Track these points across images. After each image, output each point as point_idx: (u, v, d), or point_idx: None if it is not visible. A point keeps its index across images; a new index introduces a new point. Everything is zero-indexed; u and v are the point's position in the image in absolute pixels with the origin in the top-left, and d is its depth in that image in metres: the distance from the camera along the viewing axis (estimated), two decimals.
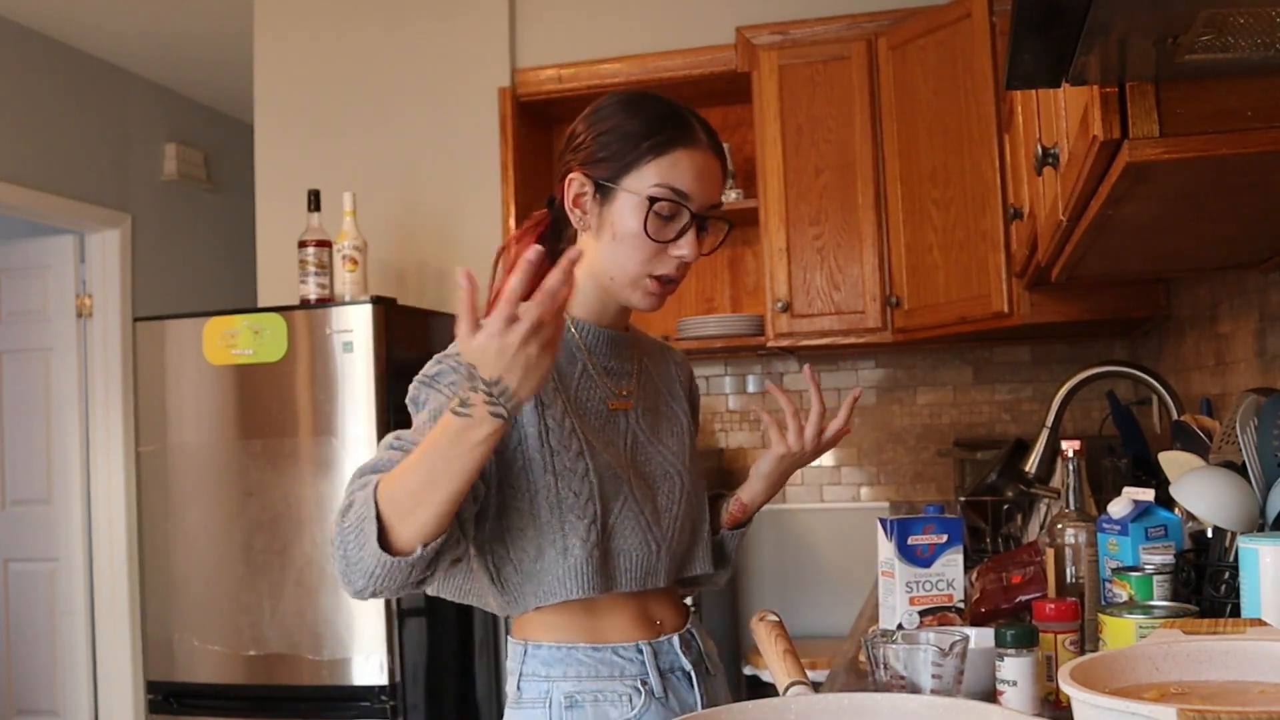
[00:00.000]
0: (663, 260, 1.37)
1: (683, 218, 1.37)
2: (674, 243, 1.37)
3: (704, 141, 1.39)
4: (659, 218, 1.35)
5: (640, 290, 1.39)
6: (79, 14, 4.19)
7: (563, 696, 1.37)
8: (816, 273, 3.20)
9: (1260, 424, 1.41)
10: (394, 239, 3.60)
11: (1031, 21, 0.92)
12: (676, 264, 1.38)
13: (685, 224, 1.37)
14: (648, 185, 1.35)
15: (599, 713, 1.36)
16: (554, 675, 1.38)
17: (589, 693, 1.37)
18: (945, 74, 2.95)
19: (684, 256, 1.37)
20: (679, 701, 1.42)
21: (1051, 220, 1.63)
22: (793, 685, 1.21)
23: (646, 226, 1.35)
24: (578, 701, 1.37)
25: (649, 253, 1.36)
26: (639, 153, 1.36)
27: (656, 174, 1.35)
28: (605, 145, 1.37)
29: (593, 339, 1.45)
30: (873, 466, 3.57)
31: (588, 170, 1.38)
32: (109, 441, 4.52)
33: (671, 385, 1.58)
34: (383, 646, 2.87)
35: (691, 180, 1.36)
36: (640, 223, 1.35)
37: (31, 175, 4.26)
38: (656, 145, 1.36)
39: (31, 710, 4.52)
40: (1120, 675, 0.94)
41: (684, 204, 1.36)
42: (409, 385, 1.37)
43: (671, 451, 1.50)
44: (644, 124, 1.37)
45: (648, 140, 1.36)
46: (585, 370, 1.43)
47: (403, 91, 3.64)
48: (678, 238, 1.37)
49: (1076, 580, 1.57)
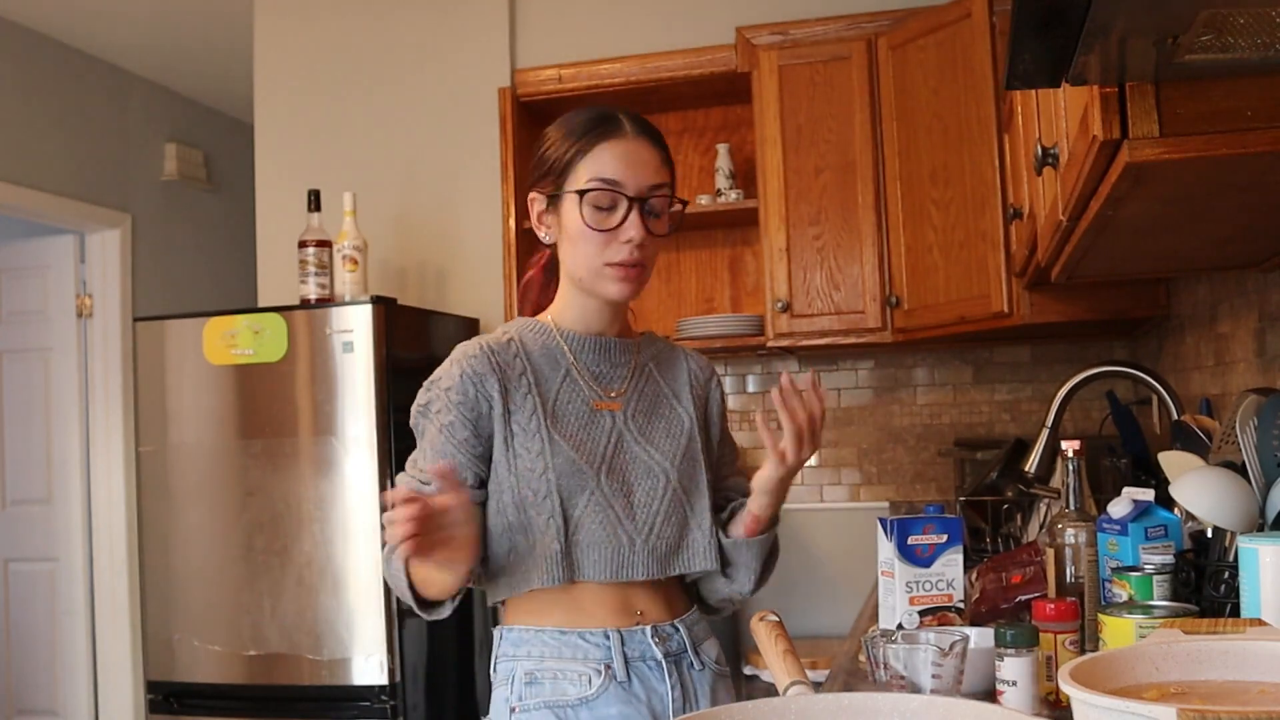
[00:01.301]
0: (614, 248, 1.50)
1: (620, 204, 1.49)
2: (619, 228, 1.48)
3: (629, 131, 1.52)
4: (596, 209, 1.49)
5: (605, 279, 1.51)
6: (79, 14, 4.19)
7: (523, 673, 1.48)
8: (816, 273, 3.20)
9: (1260, 424, 1.41)
10: (394, 239, 3.60)
11: (1031, 21, 0.92)
12: (628, 249, 1.49)
13: (625, 209, 1.49)
14: (581, 183, 1.50)
15: (557, 689, 1.47)
16: (519, 654, 1.50)
17: (549, 670, 1.48)
18: (945, 74, 2.95)
19: (631, 239, 1.49)
20: (645, 689, 1.49)
21: (1051, 220, 1.63)
22: (793, 685, 1.21)
23: (585, 218, 1.48)
24: (537, 678, 1.48)
25: (598, 243, 1.49)
26: (569, 157, 1.51)
27: (587, 171, 1.50)
28: (545, 161, 1.54)
29: (578, 345, 1.57)
30: (873, 466, 3.57)
31: (539, 188, 1.56)
32: (109, 441, 4.52)
33: (679, 388, 1.64)
34: (383, 646, 2.87)
35: (621, 168, 1.49)
36: (579, 218, 1.49)
37: (31, 175, 4.26)
38: (583, 146, 1.50)
39: (31, 710, 4.52)
40: (1120, 675, 0.94)
41: (617, 190, 1.49)
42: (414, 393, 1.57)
43: (660, 451, 1.56)
44: (571, 131, 1.53)
45: (576, 144, 1.51)
46: (569, 374, 1.54)
47: (403, 91, 3.64)
48: (621, 223, 1.49)
49: (1076, 580, 1.57)
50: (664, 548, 1.52)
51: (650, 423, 1.57)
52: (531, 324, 1.58)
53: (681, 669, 1.53)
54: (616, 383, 1.57)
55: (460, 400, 1.48)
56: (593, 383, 1.55)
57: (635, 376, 1.59)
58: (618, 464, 1.52)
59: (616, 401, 1.56)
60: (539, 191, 1.56)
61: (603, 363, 1.58)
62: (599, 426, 1.53)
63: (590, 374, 1.56)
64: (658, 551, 1.52)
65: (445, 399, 1.50)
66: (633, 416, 1.56)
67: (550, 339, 1.56)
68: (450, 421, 1.49)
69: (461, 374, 1.49)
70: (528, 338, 1.56)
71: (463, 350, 1.52)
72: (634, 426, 1.56)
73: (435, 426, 1.50)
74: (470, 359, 1.50)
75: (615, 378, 1.58)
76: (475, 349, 1.52)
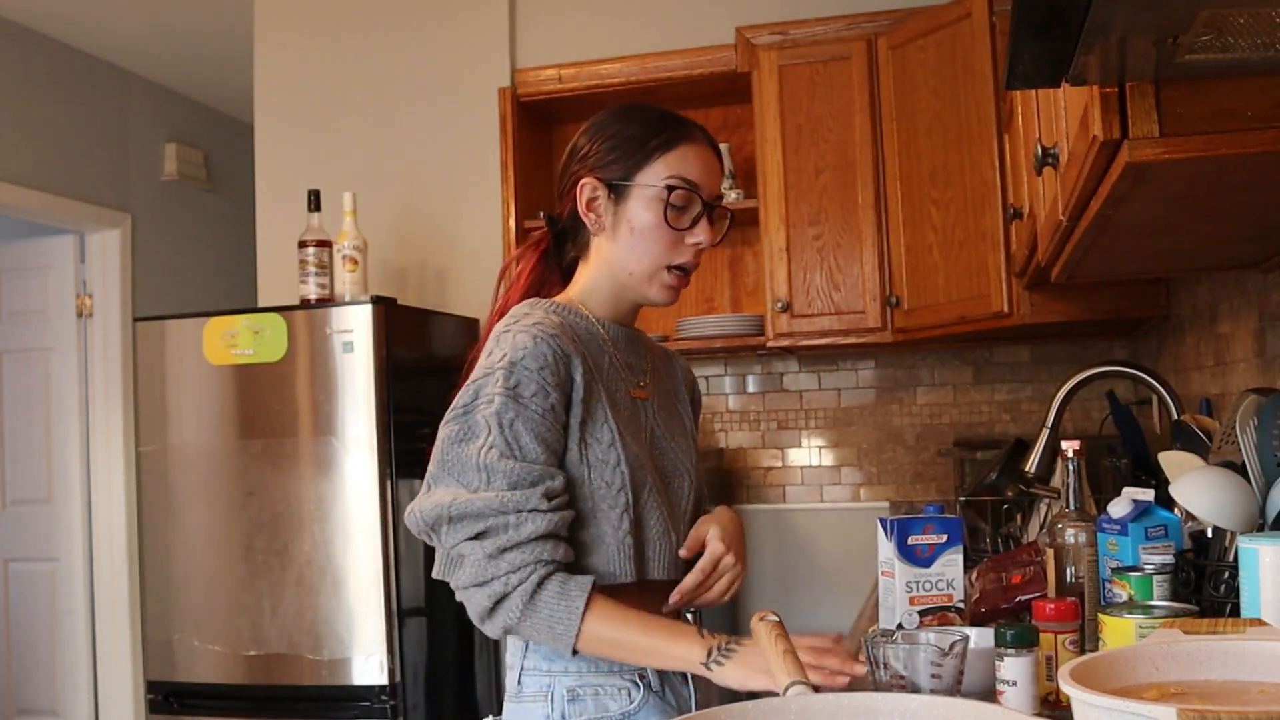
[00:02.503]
0: (680, 250, 1.47)
1: (695, 206, 1.47)
2: (689, 231, 1.46)
3: (702, 138, 1.50)
4: (674, 208, 1.45)
5: (658, 283, 1.48)
6: (79, 14, 4.19)
7: (565, 690, 1.41)
8: (816, 273, 3.20)
9: (1260, 424, 1.41)
10: (394, 239, 3.60)
11: (1031, 21, 0.92)
12: (693, 251, 1.47)
13: (698, 212, 1.47)
14: (661, 178, 1.45)
15: (599, 706, 1.40)
16: (555, 670, 1.42)
17: (590, 687, 1.41)
18: (945, 74, 2.95)
19: (700, 243, 1.47)
20: (675, 696, 1.46)
21: (1051, 220, 1.63)
22: (793, 685, 1.21)
23: (666, 216, 1.44)
24: (579, 695, 1.40)
25: (667, 243, 1.46)
26: (648, 150, 1.45)
27: (667, 167, 1.45)
28: (614, 148, 1.47)
29: (614, 334, 1.51)
30: (873, 466, 3.57)
31: (599, 174, 1.47)
32: (109, 441, 4.52)
33: (676, 387, 1.63)
34: (383, 646, 2.87)
35: (699, 171, 1.46)
36: (657, 214, 1.44)
37: (31, 175, 4.26)
38: (664, 142, 1.46)
39: (31, 710, 4.52)
40: (1120, 675, 0.94)
41: (696, 192, 1.46)
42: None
43: (682, 450, 1.55)
44: (647, 125, 1.47)
45: (655, 138, 1.46)
46: (612, 363, 1.49)
47: (403, 91, 3.64)
48: (692, 226, 1.46)
49: (1076, 580, 1.57)
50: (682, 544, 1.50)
51: (669, 419, 1.56)
52: (568, 309, 1.48)
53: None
54: (642, 375, 1.53)
55: (556, 382, 1.35)
56: (628, 373, 1.50)
57: (652, 371, 1.57)
58: (658, 458, 1.49)
59: (646, 391, 1.52)
60: (599, 178, 1.46)
61: (632, 355, 1.53)
62: (639, 418, 1.48)
63: (625, 365, 1.51)
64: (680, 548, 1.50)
65: (540, 380, 1.34)
66: (657, 411, 1.53)
67: (591, 326, 1.48)
68: (553, 404, 1.35)
69: (553, 353, 1.35)
70: (573, 321, 1.46)
71: (537, 328, 1.37)
72: (661, 421, 1.53)
73: (535, 411, 1.33)
74: (553, 338, 1.37)
75: (641, 370, 1.54)
76: (551, 326, 1.38)
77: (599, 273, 1.50)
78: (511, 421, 1.33)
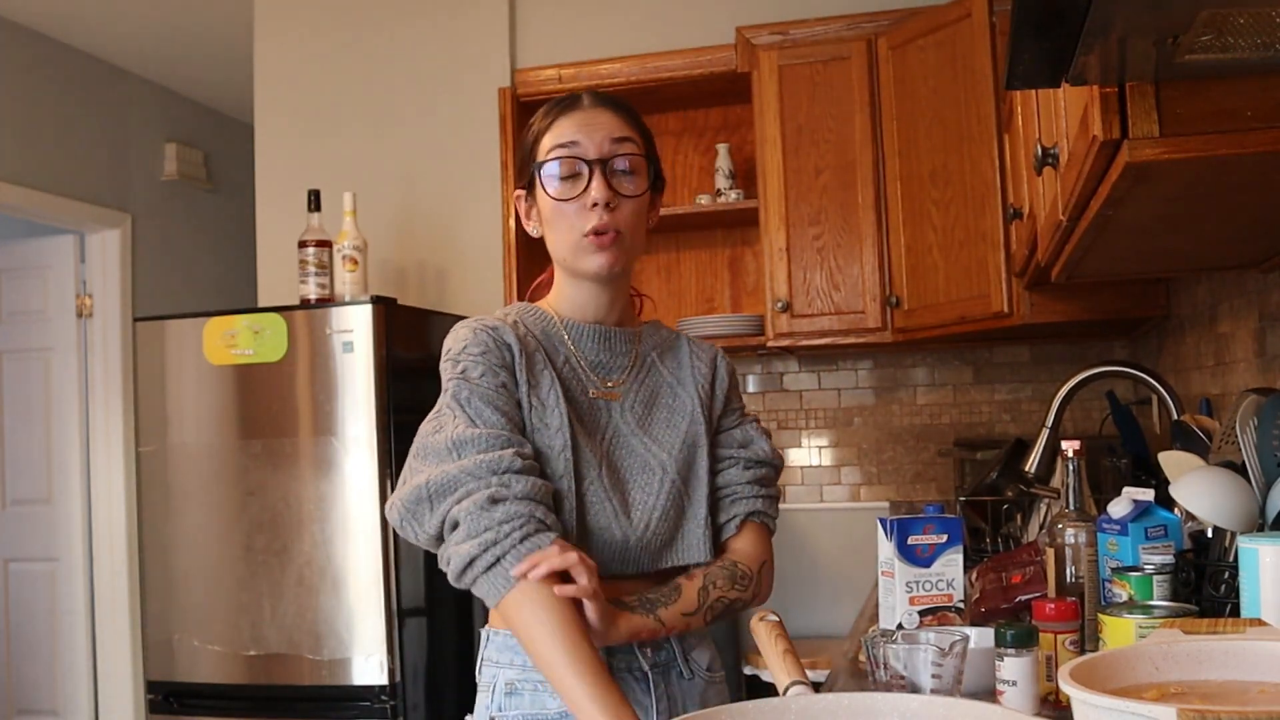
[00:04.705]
0: (584, 215, 1.43)
1: (582, 170, 1.44)
2: (584, 194, 1.43)
3: (587, 103, 1.48)
4: (560, 180, 1.44)
5: (584, 254, 1.45)
6: (79, 14, 4.19)
7: (504, 683, 1.43)
8: (816, 273, 3.20)
9: (1260, 424, 1.41)
10: (394, 239, 3.60)
11: (1031, 22, 0.92)
12: (596, 213, 1.43)
13: (589, 175, 1.43)
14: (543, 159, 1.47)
15: (536, 701, 1.41)
16: (502, 662, 1.45)
17: (530, 681, 1.41)
18: (945, 74, 2.95)
19: (596, 200, 1.42)
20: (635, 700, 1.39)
21: (1051, 220, 1.63)
22: (793, 685, 1.21)
23: (547, 190, 1.44)
24: (518, 689, 1.42)
25: (569, 215, 1.44)
26: (535, 138, 1.48)
27: (547, 146, 1.46)
28: (521, 153, 1.52)
29: (577, 333, 1.51)
30: (873, 466, 3.57)
31: (519, 183, 1.53)
32: (109, 441, 4.52)
33: (683, 377, 1.57)
34: (383, 646, 2.87)
35: (575, 132, 1.44)
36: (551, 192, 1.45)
37: (31, 175, 4.26)
38: (546, 126, 1.48)
39: (31, 710, 4.52)
40: (1120, 675, 0.94)
41: (574, 155, 1.43)
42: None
43: (659, 444, 1.49)
44: (537, 120, 1.50)
45: (538, 125, 1.49)
46: (567, 360, 1.49)
47: (403, 91, 3.64)
48: (586, 189, 1.43)
49: (1076, 580, 1.57)
50: (658, 543, 1.46)
51: (650, 414, 1.52)
52: (529, 308, 1.53)
53: (670, 680, 1.45)
54: (616, 373, 1.52)
55: (499, 362, 1.40)
56: (590, 372, 1.50)
57: (636, 367, 1.54)
58: (615, 457, 1.47)
59: (615, 392, 1.51)
60: (519, 186, 1.53)
61: (602, 352, 1.52)
62: (596, 418, 1.47)
63: (589, 363, 1.50)
64: (651, 547, 1.45)
65: (485, 363, 1.40)
66: (631, 408, 1.51)
67: (550, 325, 1.50)
68: (503, 382, 1.40)
69: (489, 337, 1.41)
70: (528, 320, 1.50)
71: (476, 322, 1.44)
72: (632, 419, 1.50)
73: (487, 387, 1.39)
74: (490, 329, 1.43)
75: (615, 368, 1.52)
76: (492, 320, 1.45)
77: (556, 272, 1.53)
78: (468, 398, 1.38)
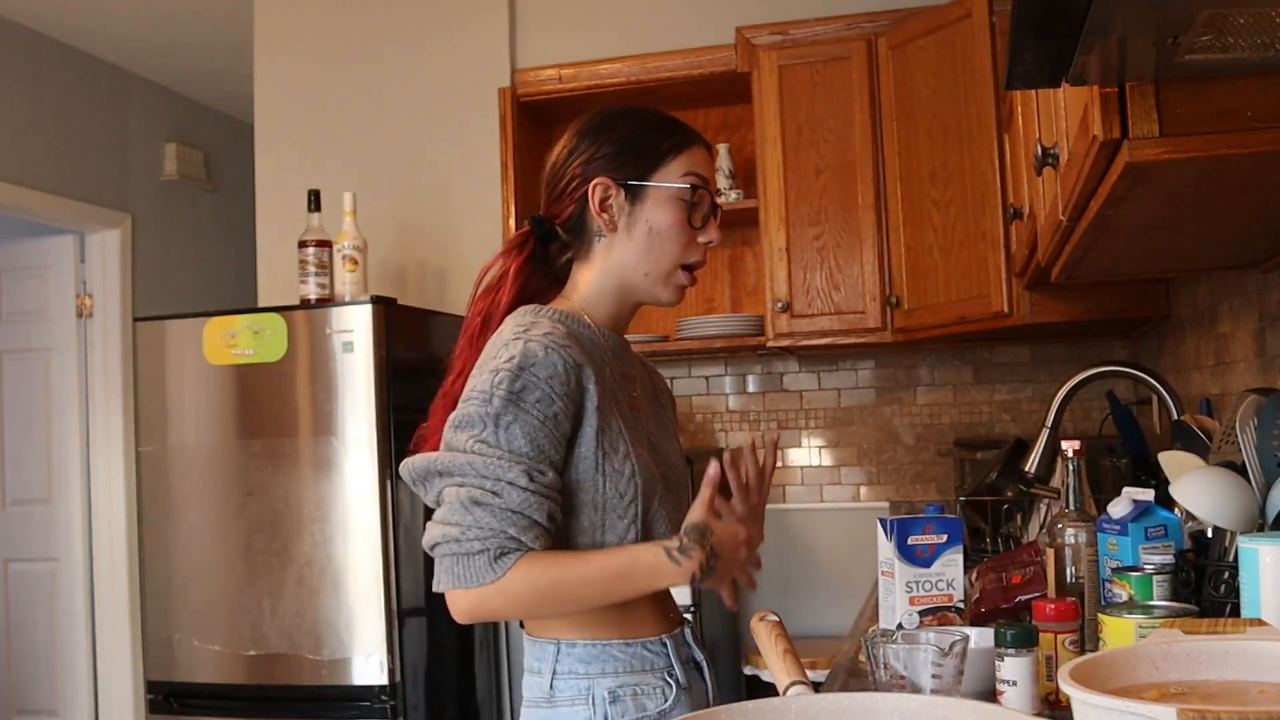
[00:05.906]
0: (693, 249, 1.48)
1: (706, 204, 1.49)
2: (702, 230, 1.48)
3: (702, 139, 1.53)
4: (690, 206, 1.47)
5: (673, 284, 1.49)
6: (79, 14, 4.19)
7: (605, 693, 1.41)
8: (816, 273, 3.20)
9: (1260, 424, 1.41)
10: (394, 239, 3.60)
11: (1031, 21, 0.92)
12: (703, 250, 1.49)
13: (708, 210, 1.49)
14: (679, 177, 1.47)
15: (638, 705, 1.42)
16: (592, 672, 1.42)
17: (628, 687, 1.42)
18: (945, 74, 2.95)
19: (711, 241, 1.49)
20: (697, 690, 1.48)
21: (1051, 220, 1.63)
22: (793, 685, 1.21)
23: (690, 216, 1.46)
24: (620, 696, 1.42)
25: (684, 242, 1.47)
26: (663, 150, 1.47)
27: (683, 167, 1.47)
28: (625, 149, 1.47)
29: (612, 343, 1.51)
30: (873, 466, 3.57)
31: (613, 175, 1.46)
32: (109, 441, 4.52)
33: (656, 392, 1.63)
34: (383, 646, 2.87)
35: (707, 169, 1.50)
36: (678, 214, 1.46)
37: (31, 175, 4.26)
38: (676, 144, 1.48)
39: (31, 710, 4.52)
40: (1120, 675, 0.94)
41: (708, 191, 1.49)
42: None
43: (674, 452, 1.55)
44: (657, 126, 1.50)
45: (668, 139, 1.48)
46: (612, 373, 1.47)
47: (403, 92, 3.64)
48: (704, 224, 1.48)
49: (1076, 580, 1.57)
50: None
51: (660, 424, 1.56)
52: (568, 316, 1.46)
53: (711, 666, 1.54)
54: (634, 383, 1.53)
55: (565, 392, 1.35)
56: (624, 382, 1.49)
57: (640, 379, 1.57)
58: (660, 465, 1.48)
59: (638, 400, 1.51)
60: (613, 178, 1.45)
61: (626, 363, 1.52)
62: (638, 428, 1.47)
63: (620, 374, 1.49)
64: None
65: (547, 389, 1.33)
66: (650, 418, 1.53)
67: (592, 335, 1.46)
68: (555, 414, 1.34)
69: (564, 364, 1.35)
70: (576, 330, 1.44)
71: (548, 338, 1.36)
72: (654, 428, 1.53)
73: (535, 417, 1.32)
74: (564, 348, 1.36)
75: (632, 378, 1.53)
76: (561, 336, 1.37)
77: (604, 275, 1.48)
78: (509, 425, 1.32)
